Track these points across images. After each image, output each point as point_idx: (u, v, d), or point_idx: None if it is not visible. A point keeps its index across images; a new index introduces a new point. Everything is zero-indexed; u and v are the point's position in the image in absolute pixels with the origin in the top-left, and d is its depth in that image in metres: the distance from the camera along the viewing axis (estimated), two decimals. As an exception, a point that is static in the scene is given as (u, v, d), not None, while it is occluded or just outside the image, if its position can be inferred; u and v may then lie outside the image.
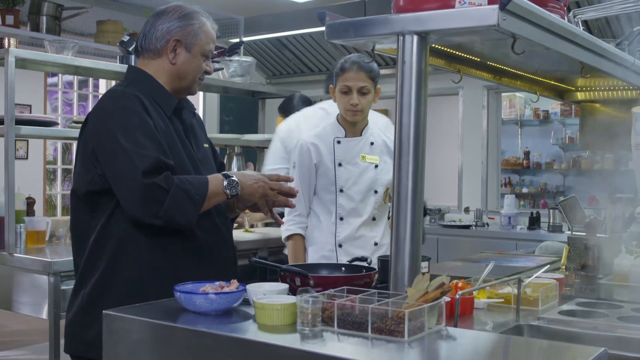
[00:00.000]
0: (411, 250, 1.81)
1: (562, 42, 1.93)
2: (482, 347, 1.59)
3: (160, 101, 2.25)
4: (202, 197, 2.09)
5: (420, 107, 1.78)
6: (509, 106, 8.39)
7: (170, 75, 2.28)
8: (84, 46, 5.21)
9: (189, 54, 2.26)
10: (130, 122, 2.12)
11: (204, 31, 2.28)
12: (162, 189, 2.03)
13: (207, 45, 2.29)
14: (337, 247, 3.15)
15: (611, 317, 2.13)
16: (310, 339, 1.59)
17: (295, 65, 7.86)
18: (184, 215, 2.06)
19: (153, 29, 2.27)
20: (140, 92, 2.21)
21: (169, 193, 2.03)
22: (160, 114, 2.22)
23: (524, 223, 6.34)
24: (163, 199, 2.03)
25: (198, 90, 2.39)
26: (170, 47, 2.25)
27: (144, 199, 2.04)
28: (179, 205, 2.05)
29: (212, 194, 2.12)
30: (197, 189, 2.09)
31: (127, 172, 2.06)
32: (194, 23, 2.26)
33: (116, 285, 2.14)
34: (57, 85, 10.30)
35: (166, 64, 2.27)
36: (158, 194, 2.03)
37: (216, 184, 2.14)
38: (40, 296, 3.37)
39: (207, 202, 2.11)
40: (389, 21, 1.80)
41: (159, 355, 1.75)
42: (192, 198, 2.07)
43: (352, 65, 3.02)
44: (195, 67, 2.28)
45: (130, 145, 2.07)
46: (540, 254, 3.49)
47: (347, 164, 3.15)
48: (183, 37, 2.25)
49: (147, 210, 2.04)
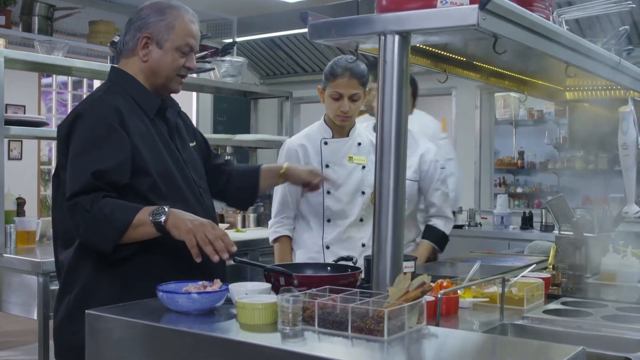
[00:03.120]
0: (393, 249, 1.81)
1: (545, 41, 1.93)
2: (461, 345, 1.60)
3: (143, 103, 2.22)
4: (124, 223, 2.01)
5: (402, 107, 1.79)
6: (504, 106, 8.39)
7: (144, 73, 2.24)
8: (77, 46, 5.20)
9: (161, 50, 2.21)
10: (93, 132, 2.10)
11: (179, 26, 2.21)
12: (85, 210, 2.00)
13: (182, 40, 2.21)
14: (324, 249, 3.13)
15: (595, 316, 2.14)
16: (291, 338, 1.59)
17: (288, 65, 7.86)
18: (101, 239, 2.03)
19: (129, 28, 2.25)
20: (121, 96, 2.18)
21: (90, 214, 2.00)
22: (142, 118, 2.19)
23: (516, 223, 6.34)
24: (83, 219, 2.01)
25: (181, 88, 2.33)
26: (141, 45, 2.21)
27: (69, 216, 2.05)
28: (97, 228, 2.01)
29: (137, 221, 2.02)
30: (122, 215, 2.03)
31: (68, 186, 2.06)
32: (165, 18, 2.21)
33: (102, 291, 2.12)
34: (51, 86, 10.29)
35: (139, 62, 2.23)
36: (80, 214, 2.01)
37: (145, 212, 2.04)
38: (30, 296, 3.37)
39: (132, 230, 2.02)
40: (370, 21, 1.80)
41: (141, 355, 1.76)
42: (112, 223, 2.01)
43: (344, 71, 2.97)
44: (169, 63, 2.22)
45: (77, 159, 2.06)
46: (529, 254, 3.50)
47: (335, 165, 3.13)
48: (154, 33, 2.20)
49: (74, 228, 2.06)
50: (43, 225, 3.95)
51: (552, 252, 2.86)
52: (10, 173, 3.59)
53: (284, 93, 5.49)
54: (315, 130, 3.21)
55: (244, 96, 5.56)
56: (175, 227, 2.01)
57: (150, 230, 2.02)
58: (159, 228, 2.01)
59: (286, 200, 3.17)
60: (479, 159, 7.10)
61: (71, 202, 2.02)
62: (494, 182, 7.70)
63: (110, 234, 2.01)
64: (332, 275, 2.17)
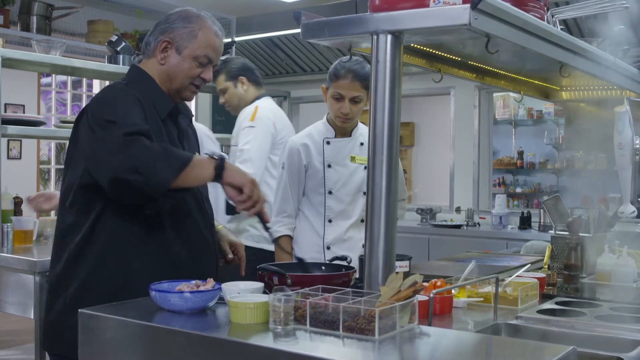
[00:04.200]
0: (385, 248, 1.82)
1: (538, 41, 1.93)
2: (452, 345, 1.60)
3: (156, 103, 2.23)
4: (184, 157, 2.00)
5: (394, 106, 1.79)
6: (503, 106, 8.39)
7: (160, 76, 2.26)
8: (75, 46, 5.21)
9: (179, 56, 2.23)
10: (123, 101, 2.11)
11: (202, 35, 2.23)
12: (144, 145, 1.96)
13: (202, 50, 2.23)
14: (325, 249, 3.14)
15: (589, 316, 2.14)
16: (282, 337, 1.59)
17: (287, 65, 7.86)
18: (161, 170, 1.95)
19: (154, 30, 2.27)
20: (138, 91, 2.20)
21: (149, 148, 1.96)
22: (154, 116, 2.20)
23: (515, 223, 6.34)
24: (142, 152, 1.95)
25: (192, 97, 2.36)
26: (161, 48, 2.24)
27: (121, 151, 1.95)
28: (158, 159, 1.95)
29: (196, 160, 2.02)
30: (181, 153, 2.04)
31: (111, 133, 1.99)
32: (191, 26, 2.23)
33: (101, 288, 2.12)
34: (50, 85, 10.30)
35: (157, 65, 2.26)
36: (138, 148, 1.95)
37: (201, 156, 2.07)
38: (26, 295, 3.37)
39: (190, 168, 1.99)
40: (363, 20, 1.80)
41: (134, 353, 1.76)
42: (173, 156, 1.99)
43: (347, 73, 2.97)
44: (185, 70, 2.24)
45: (119, 117, 2.03)
46: (526, 254, 3.50)
47: (337, 165, 3.13)
48: (175, 39, 2.23)
49: (126, 164, 1.94)
50: (40, 225, 3.95)
51: (548, 252, 2.86)
52: (10, 172, 3.59)
53: (281, 93, 5.49)
54: (318, 129, 3.20)
55: (242, 96, 5.54)
56: (235, 170, 2.05)
57: (206, 173, 2.01)
58: (218, 168, 2.01)
59: (287, 199, 3.17)
60: (478, 159, 7.10)
61: (129, 138, 1.95)
62: (493, 182, 7.70)
63: (173, 164, 1.96)
64: (326, 275, 2.17)
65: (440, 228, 6.53)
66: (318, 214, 3.13)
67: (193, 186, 2.09)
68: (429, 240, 6.34)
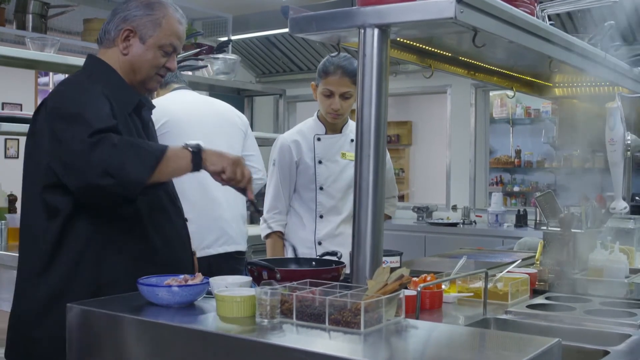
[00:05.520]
0: (372, 243, 1.82)
1: (525, 35, 1.94)
2: (437, 337, 1.60)
3: (122, 96, 2.13)
4: (158, 150, 1.92)
5: (381, 100, 1.79)
6: (500, 105, 8.39)
7: (123, 66, 2.15)
8: (71, 44, 5.20)
9: (143, 45, 2.13)
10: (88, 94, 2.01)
11: (166, 24, 2.14)
12: (112, 143, 1.86)
13: (167, 39, 2.15)
14: (316, 245, 3.14)
15: (578, 310, 2.14)
16: (268, 331, 1.59)
17: (284, 63, 7.86)
18: (135, 166, 1.86)
19: (112, 17, 2.17)
20: (102, 85, 2.08)
21: (118, 147, 1.86)
22: (121, 110, 2.10)
23: (511, 221, 6.35)
24: (111, 152, 1.85)
25: (157, 87, 2.28)
26: (123, 36, 2.13)
27: (89, 154, 1.85)
28: (130, 156, 1.86)
29: (171, 151, 1.93)
30: (154, 145, 1.96)
31: (75, 132, 1.88)
32: (154, 14, 2.14)
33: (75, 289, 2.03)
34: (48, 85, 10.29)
35: (118, 55, 2.15)
36: (106, 148, 1.85)
37: (175, 146, 1.97)
38: (13, 292, 3.37)
39: (166, 162, 1.91)
40: (350, 14, 1.80)
41: (121, 348, 1.76)
42: (146, 150, 1.90)
43: (336, 69, 2.98)
44: (150, 60, 2.15)
45: (83, 111, 1.93)
46: (519, 250, 3.50)
47: (328, 161, 3.14)
48: (138, 27, 2.13)
49: (95, 168, 1.84)
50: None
51: (540, 248, 2.86)
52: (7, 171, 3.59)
53: (277, 91, 5.49)
54: (309, 126, 3.21)
55: (238, 94, 5.56)
56: (213, 155, 1.98)
57: (183, 165, 1.94)
58: (195, 158, 1.94)
59: (278, 196, 3.17)
60: (474, 158, 7.11)
61: (95, 138, 1.85)
62: (490, 180, 7.70)
63: (146, 160, 1.88)
64: (315, 270, 2.17)
65: (437, 226, 6.54)
66: (309, 210, 3.14)
67: (171, 178, 2.03)
68: (425, 239, 6.35)
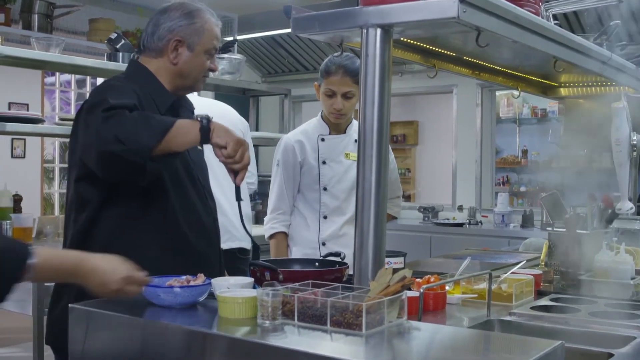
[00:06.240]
0: (375, 244, 1.81)
1: (529, 34, 1.92)
2: (439, 340, 1.59)
3: (156, 98, 2.23)
4: (166, 122, 1.96)
5: (384, 100, 1.78)
6: (507, 104, 8.38)
7: (172, 74, 2.26)
8: (77, 44, 5.22)
9: (192, 53, 2.25)
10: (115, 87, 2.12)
11: (207, 29, 2.26)
12: (124, 116, 1.93)
13: (211, 43, 2.27)
14: (320, 245, 3.14)
15: (583, 312, 2.12)
16: (269, 332, 1.58)
17: (290, 63, 7.86)
18: (142, 135, 1.91)
19: (156, 28, 2.26)
20: (137, 86, 2.19)
21: (129, 117, 1.94)
22: (154, 110, 2.20)
23: (517, 221, 6.33)
24: (121, 122, 1.92)
25: (202, 87, 2.38)
26: (172, 47, 2.24)
27: (101, 126, 1.92)
28: (138, 126, 1.92)
29: (179, 124, 1.96)
30: (162, 118, 2.00)
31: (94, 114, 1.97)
32: (196, 22, 2.25)
33: None
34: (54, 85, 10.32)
35: (167, 64, 2.25)
36: (117, 119, 1.92)
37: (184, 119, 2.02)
38: (25, 292, 3.38)
39: (174, 134, 1.94)
40: (352, 14, 1.79)
41: (122, 348, 1.75)
42: (154, 121, 1.96)
43: (337, 69, 2.98)
44: (198, 65, 2.26)
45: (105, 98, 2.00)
46: (525, 251, 3.48)
47: (331, 161, 3.14)
48: (185, 37, 2.23)
49: (107, 137, 1.91)
50: (40, 222, 3.96)
51: (545, 249, 2.84)
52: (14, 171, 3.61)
53: (282, 90, 5.49)
54: (313, 126, 3.20)
55: (243, 94, 5.55)
56: (221, 129, 1.98)
57: (192, 135, 1.96)
58: (203, 129, 1.95)
59: (282, 196, 3.17)
60: (480, 157, 7.08)
61: (109, 112, 1.93)
62: (497, 180, 7.69)
63: (154, 130, 1.92)
64: (318, 271, 2.16)
65: (443, 226, 6.53)
66: (313, 211, 3.13)
67: (180, 150, 2.02)
68: (431, 239, 6.33)
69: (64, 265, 1.79)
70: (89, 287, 1.79)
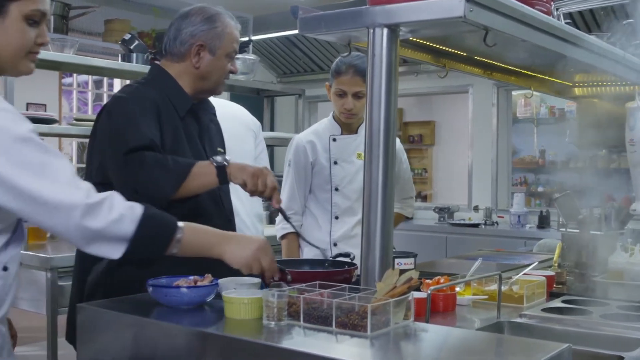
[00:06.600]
0: (382, 244, 1.80)
1: (538, 33, 1.90)
2: (445, 341, 1.58)
3: (175, 101, 2.27)
4: (185, 167, 2.04)
5: (391, 100, 1.77)
6: (525, 104, 8.31)
7: (194, 78, 2.31)
8: (92, 45, 5.24)
9: (214, 57, 2.29)
10: (135, 107, 2.17)
11: (228, 33, 2.30)
12: (144, 161, 2.02)
13: (231, 46, 2.31)
14: (332, 246, 3.13)
15: (595, 314, 2.10)
16: (274, 333, 1.58)
17: (305, 63, 7.86)
18: (162, 183, 2.01)
19: (178, 33, 2.30)
20: (156, 90, 2.25)
21: (148, 163, 2.02)
22: (172, 114, 2.25)
23: (533, 222, 6.28)
24: (142, 168, 2.01)
25: (223, 90, 2.42)
26: (194, 52, 2.28)
27: (123, 169, 2.03)
28: (158, 173, 2.01)
29: (198, 168, 2.06)
30: (182, 162, 2.07)
31: (116, 146, 2.07)
32: (217, 26, 2.29)
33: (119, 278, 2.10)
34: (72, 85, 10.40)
35: (190, 68, 2.30)
36: (138, 164, 2.01)
37: (202, 162, 2.10)
38: (39, 292, 3.40)
39: (192, 177, 2.04)
40: (359, 14, 1.78)
41: (129, 348, 1.76)
42: (173, 167, 2.03)
43: (348, 68, 2.98)
44: (220, 68, 2.32)
45: (126, 126, 2.09)
46: (539, 252, 3.45)
47: (343, 162, 3.13)
48: (207, 41, 2.28)
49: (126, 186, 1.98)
50: (54, 222, 3.97)
51: (558, 249, 2.81)
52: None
53: (296, 91, 5.49)
54: (324, 126, 3.20)
55: (257, 94, 5.56)
56: (236, 168, 2.07)
57: (209, 180, 2.06)
58: (220, 174, 2.05)
59: (294, 196, 3.17)
60: (496, 158, 7.04)
61: (129, 156, 2.02)
62: (514, 181, 7.62)
63: (172, 178, 2.02)
64: (326, 271, 2.16)
65: (458, 227, 6.49)
66: (325, 211, 3.13)
67: (199, 193, 2.12)
68: (447, 239, 6.30)
69: (208, 234, 1.88)
70: (228, 256, 1.86)
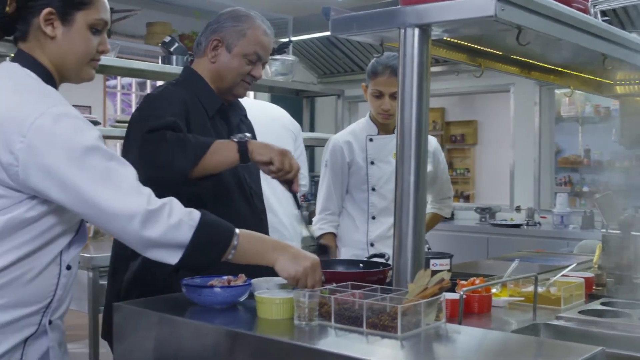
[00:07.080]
0: (414, 245, 1.79)
1: (574, 31, 1.87)
2: (476, 344, 1.56)
3: (205, 101, 2.29)
4: (204, 143, 2.01)
5: (422, 100, 1.76)
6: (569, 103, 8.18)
7: (211, 74, 2.32)
8: (134, 48, 5.34)
9: (229, 54, 2.29)
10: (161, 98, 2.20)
11: (250, 34, 2.29)
12: (164, 138, 2.00)
13: (251, 48, 2.29)
14: (369, 246, 3.13)
15: (633, 317, 2.06)
16: (305, 334, 1.59)
17: (345, 64, 7.86)
18: (180, 159, 1.98)
19: (205, 30, 2.34)
20: (186, 91, 2.27)
21: (168, 140, 2.00)
22: (201, 114, 2.27)
23: (577, 222, 6.17)
24: (161, 145, 1.99)
25: (245, 93, 2.41)
26: (212, 46, 2.29)
27: (142, 149, 2.02)
28: (176, 149, 1.98)
29: (217, 144, 2.03)
30: (201, 139, 2.04)
31: (137, 130, 2.10)
32: (240, 25, 2.29)
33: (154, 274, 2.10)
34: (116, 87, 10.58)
35: (207, 63, 2.31)
36: (157, 142, 1.99)
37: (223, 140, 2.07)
38: (81, 291, 3.46)
39: (211, 153, 2.00)
40: (389, 14, 1.78)
41: (163, 347, 1.78)
42: (192, 143, 2.00)
43: (384, 69, 2.98)
44: (234, 68, 2.30)
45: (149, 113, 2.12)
46: (579, 253, 3.40)
47: (380, 162, 3.13)
48: (225, 37, 2.28)
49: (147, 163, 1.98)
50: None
51: (598, 251, 2.77)
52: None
53: (335, 91, 5.49)
54: (361, 126, 3.20)
55: (296, 95, 5.58)
56: (260, 146, 2.04)
57: (230, 156, 2.01)
58: (241, 150, 2.01)
59: (331, 197, 3.17)
60: (539, 157, 6.94)
61: (148, 135, 2.00)
62: (559, 180, 7.51)
63: (191, 152, 1.98)
64: (360, 272, 2.16)
65: (500, 227, 6.42)
66: (361, 211, 3.13)
67: (219, 171, 2.07)
68: (488, 240, 6.23)
69: (263, 242, 1.84)
70: (279, 265, 1.80)
